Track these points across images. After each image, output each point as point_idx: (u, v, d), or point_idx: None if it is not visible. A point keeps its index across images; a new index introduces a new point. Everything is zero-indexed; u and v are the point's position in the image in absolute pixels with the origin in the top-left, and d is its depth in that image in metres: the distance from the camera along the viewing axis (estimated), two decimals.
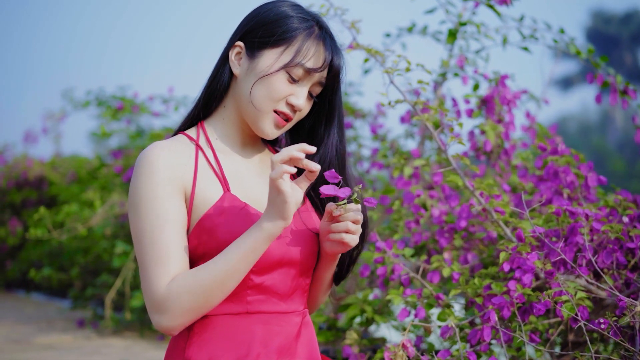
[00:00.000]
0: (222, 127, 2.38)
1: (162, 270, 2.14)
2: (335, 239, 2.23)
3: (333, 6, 3.33)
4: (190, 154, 2.28)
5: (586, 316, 2.68)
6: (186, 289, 2.12)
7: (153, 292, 2.14)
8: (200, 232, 2.21)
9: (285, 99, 2.30)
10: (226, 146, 2.37)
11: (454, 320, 2.85)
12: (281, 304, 2.28)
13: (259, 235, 2.12)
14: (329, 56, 2.32)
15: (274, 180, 2.06)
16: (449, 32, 4.21)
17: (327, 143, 2.43)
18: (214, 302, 2.16)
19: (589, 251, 2.78)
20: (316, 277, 2.42)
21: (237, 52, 2.34)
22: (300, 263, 2.30)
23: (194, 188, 2.22)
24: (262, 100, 2.28)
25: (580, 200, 3.23)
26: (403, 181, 3.60)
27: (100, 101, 7.20)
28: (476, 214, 3.23)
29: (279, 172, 2.05)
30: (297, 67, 2.28)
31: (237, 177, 2.31)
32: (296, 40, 2.28)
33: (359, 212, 2.21)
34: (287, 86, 2.29)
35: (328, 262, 2.38)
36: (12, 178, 9.17)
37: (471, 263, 3.32)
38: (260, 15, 2.34)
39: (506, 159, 3.74)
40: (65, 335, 6.14)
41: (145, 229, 2.17)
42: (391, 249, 3.22)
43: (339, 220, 2.22)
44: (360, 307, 3.60)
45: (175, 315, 2.14)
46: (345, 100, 5.51)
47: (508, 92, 3.71)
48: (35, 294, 8.98)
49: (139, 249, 2.19)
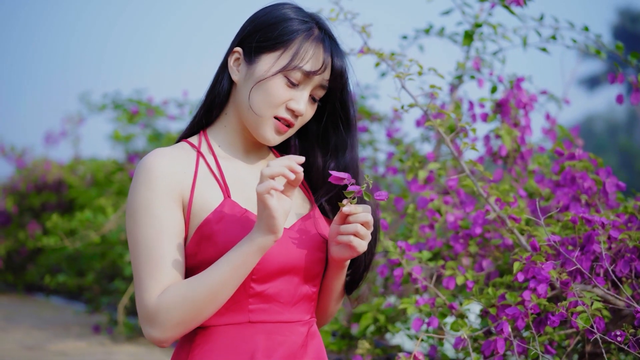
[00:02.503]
0: (224, 134, 2.33)
1: (154, 282, 2.11)
2: (343, 241, 2.17)
3: (343, 10, 3.28)
4: (191, 161, 2.24)
5: (602, 327, 2.62)
6: (177, 302, 2.08)
7: (144, 304, 2.11)
8: (200, 238, 2.16)
9: (285, 104, 2.24)
10: (228, 153, 2.32)
11: (466, 332, 2.78)
12: (285, 313, 2.22)
13: (249, 248, 2.07)
14: (328, 58, 2.26)
15: (261, 195, 2.01)
16: (465, 34, 4.14)
17: (337, 149, 2.37)
18: (205, 315, 2.12)
19: (605, 260, 2.70)
20: (325, 285, 2.36)
21: (235, 58, 2.29)
22: (304, 270, 2.24)
23: (192, 194, 2.18)
24: (261, 106, 2.23)
25: (598, 207, 3.15)
26: (417, 185, 3.53)
27: (117, 104, 7.19)
28: (491, 220, 3.16)
29: (267, 187, 2.00)
30: (295, 70, 2.22)
31: (238, 183, 2.26)
32: (293, 43, 2.23)
33: (369, 213, 2.15)
34: (285, 91, 2.23)
35: (337, 269, 2.31)
36: (31, 181, 9.20)
37: (487, 270, 3.25)
38: (258, 19, 2.29)
39: (522, 163, 3.66)
40: (79, 341, 6.13)
41: (140, 238, 2.14)
42: (407, 252, 3.16)
43: (348, 222, 2.15)
44: (374, 315, 3.54)
45: (165, 328, 2.10)
46: (361, 103, 5.46)
47: (524, 95, 3.63)
48: (54, 298, 8.99)
49: (134, 258, 2.16)
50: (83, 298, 8.13)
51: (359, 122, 5.34)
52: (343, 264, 2.30)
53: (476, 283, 3.08)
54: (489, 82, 4.06)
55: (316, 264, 2.27)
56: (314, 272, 2.27)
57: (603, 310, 2.66)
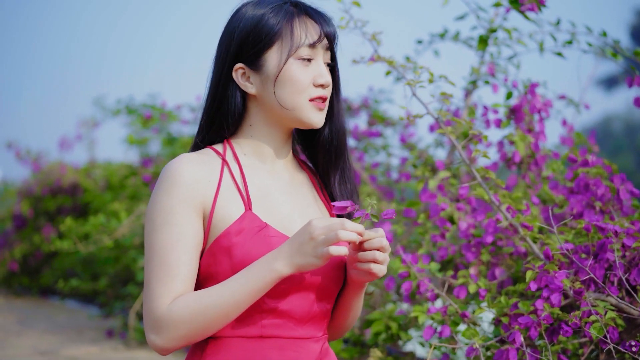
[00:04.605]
0: (250, 143, 2.29)
1: (165, 290, 2.09)
2: (363, 268, 2.13)
3: (353, 19, 3.25)
4: (215, 169, 2.20)
5: (616, 337, 2.58)
6: (185, 316, 2.06)
7: (153, 310, 2.09)
8: (217, 250, 2.14)
9: (310, 84, 2.23)
10: (254, 161, 2.29)
11: (479, 341, 2.75)
12: (298, 329, 2.19)
13: (269, 276, 2.06)
14: (318, 22, 2.26)
15: (327, 254, 2.02)
16: (479, 39, 4.11)
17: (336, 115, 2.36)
18: (213, 330, 2.10)
19: (619, 269, 2.67)
20: (342, 303, 2.32)
21: (242, 74, 2.26)
22: (321, 288, 2.21)
23: (214, 205, 2.15)
24: (291, 98, 2.22)
25: (612, 214, 3.11)
26: (428, 194, 3.49)
27: (130, 109, 7.20)
28: (504, 228, 3.13)
29: (338, 252, 2.01)
30: (302, 48, 2.22)
31: (262, 194, 2.23)
32: (284, 29, 2.22)
33: (384, 237, 2.12)
34: (304, 71, 2.22)
35: (355, 289, 2.28)
36: (46, 185, 9.23)
37: (499, 278, 3.21)
38: (237, 32, 2.25)
39: (537, 169, 3.62)
40: (93, 346, 6.14)
41: (156, 245, 2.12)
42: (416, 263, 3.13)
43: (365, 249, 2.12)
44: (385, 323, 3.51)
45: (170, 339, 2.08)
46: (375, 108, 5.43)
47: (538, 100, 3.60)
48: (69, 301, 9.02)
49: (147, 263, 2.14)
50: (97, 301, 8.15)
51: (373, 127, 5.33)
52: (363, 284, 2.27)
53: (488, 291, 3.05)
54: (503, 87, 4.02)
55: (333, 282, 2.24)
56: (330, 290, 2.24)
57: (617, 319, 2.63)
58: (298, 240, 2.05)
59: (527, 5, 3.67)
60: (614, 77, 46.73)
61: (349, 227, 2.02)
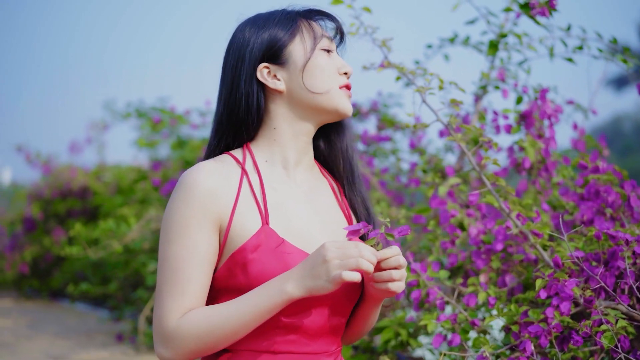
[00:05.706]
0: (273, 149, 2.25)
1: (175, 305, 2.07)
2: (381, 288, 2.11)
3: (363, 25, 3.24)
4: (234, 180, 2.16)
5: (627, 346, 2.57)
6: (194, 332, 2.05)
7: (162, 324, 2.08)
8: (233, 265, 2.11)
9: (337, 71, 2.26)
10: (274, 169, 2.25)
11: (489, 349, 2.74)
12: (311, 345, 2.16)
13: (280, 298, 2.03)
14: (330, 17, 2.33)
15: (338, 278, 1.99)
16: (489, 44, 4.09)
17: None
18: (221, 346, 2.09)
19: (630, 277, 2.65)
20: (359, 314, 2.31)
21: (267, 72, 2.23)
22: (336, 304, 2.18)
23: (232, 219, 2.12)
24: (323, 82, 2.23)
25: (623, 220, 3.09)
26: (438, 200, 3.48)
27: (140, 113, 7.20)
28: (514, 235, 3.12)
29: (352, 278, 1.98)
30: (322, 39, 2.26)
31: (280, 206, 2.19)
32: (302, 23, 2.26)
33: (400, 255, 2.09)
34: (329, 60, 2.25)
35: (373, 303, 2.27)
36: (56, 188, 9.24)
37: (510, 285, 3.20)
38: (254, 32, 2.25)
39: (547, 175, 3.61)
40: (103, 350, 6.14)
41: (169, 256, 2.09)
42: (426, 271, 3.12)
43: (382, 268, 2.09)
44: (395, 329, 3.50)
45: (177, 352, 2.07)
46: (384, 112, 5.42)
47: (548, 106, 3.58)
48: (79, 304, 9.03)
49: (160, 274, 2.12)
50: (107, 304, 8.16)
51: (382, 132, 5.31)
52: (381, 299, 2.25)
53: (498, 299, 3.04)
54: (513, 92, 4.01)
55: (348, 299, 2.21)
56: (345, 306, 2.22)
57: (628, 327, 2.61)
58: (311, 263, 2.02)
59: (538, 10, 3.65)
60: (624, 77, 46.61)
61: (366, 256, 2.00)
